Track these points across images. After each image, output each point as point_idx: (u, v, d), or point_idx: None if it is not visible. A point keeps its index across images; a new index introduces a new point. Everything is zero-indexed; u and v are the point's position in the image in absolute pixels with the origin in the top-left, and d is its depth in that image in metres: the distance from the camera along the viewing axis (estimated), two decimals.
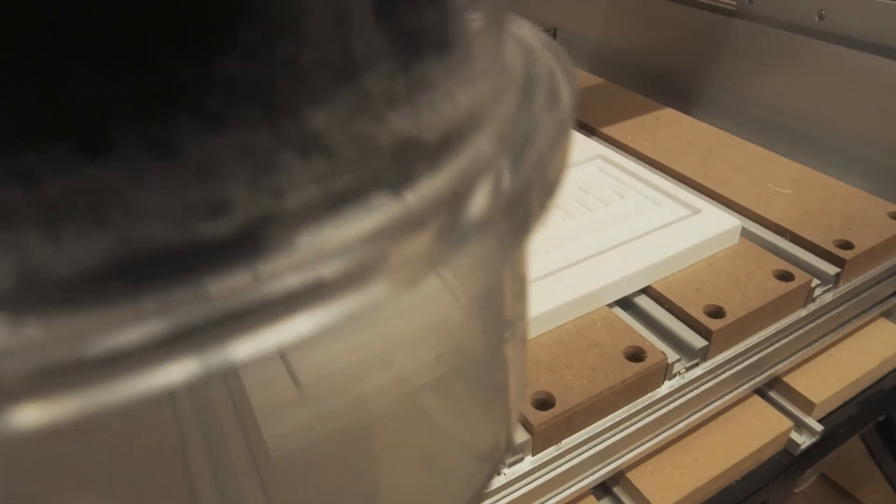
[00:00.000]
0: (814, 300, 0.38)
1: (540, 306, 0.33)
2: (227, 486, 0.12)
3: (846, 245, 0.39)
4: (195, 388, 0.08)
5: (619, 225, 0.40)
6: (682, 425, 0.35)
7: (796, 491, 0.48)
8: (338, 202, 0.09)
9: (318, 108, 0.09)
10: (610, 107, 0.58)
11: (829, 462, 0.43)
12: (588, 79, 0.64)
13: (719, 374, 0.35)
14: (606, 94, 0.61)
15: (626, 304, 0.37)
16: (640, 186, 0.44)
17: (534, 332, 0.33)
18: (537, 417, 0.29)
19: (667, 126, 0.54)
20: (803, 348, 0.40)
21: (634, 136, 0.53)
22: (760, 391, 0.40)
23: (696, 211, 0.40)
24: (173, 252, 0.08)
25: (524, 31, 0.15)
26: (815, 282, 0.38)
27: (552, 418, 0.29)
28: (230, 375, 0.08)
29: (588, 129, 0.55)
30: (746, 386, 0.38)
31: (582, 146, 0.49)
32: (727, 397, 0.37)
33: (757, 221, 0.43)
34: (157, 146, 0.08)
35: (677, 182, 0.46)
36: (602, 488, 0.35)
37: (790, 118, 0.57)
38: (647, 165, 0.48)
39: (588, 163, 0.47)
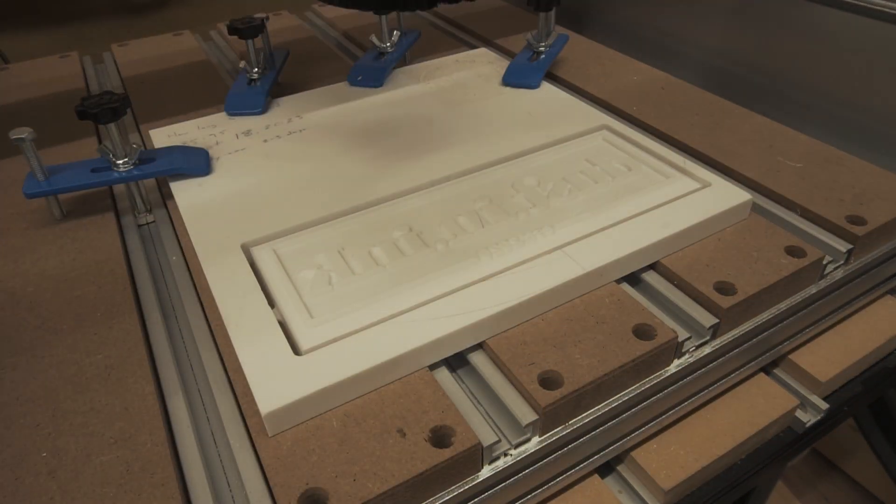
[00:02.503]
0: (824, 276, 0.37)
1: (547, 282, 0.32)
2: None
3: (858, 221, 0.38)
4: None
5: (626, 199, 0.38)
6: (687, 404, 0.35)
7: (788, 464, 0.48)
8: None
9: None
10: (613, 76, 0.56)
11: None
12: (590, 47, 0.62)
13: (728, 352, 0.34)
14: (609, 62, 0.59)
15: (633, 279, 0.36)
16: (647, 158, 0.42)
17: (541, 308, 0.32)
18: (545, 397, 0.28)
19: (673, 96, 0.52)
20: (811, 325, 0.39)
21: (640, 107, 0.51)
22: (765, 369, 0.39)
23: (706, 184, 0.39)
24: None
25: None
26: (826, 258, 0.37)
27: (560, 398, 0.28)
28: None
29: (591, 98, 0.53)
30: (754, 363, 0.37)
31: (586, 115, 0.47)
32: (733, 375, 0.36)
33: (767, 195, 0.42)
34: None
35: (685, 154, 0.44)
36: (605, 466, 0.34)
37: (800, 90, 0.55)
38: (653, 136, 0.46)
39: (594, 133, 0.45)
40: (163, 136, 0.46)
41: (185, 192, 0.40)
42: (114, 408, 0.29)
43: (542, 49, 0.55)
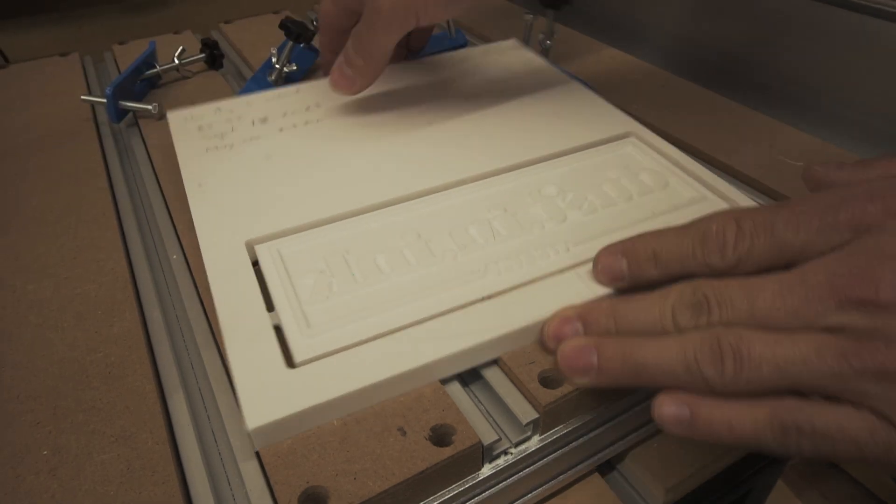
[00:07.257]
0: None
1: (553, 306, 0.30)
2: None
3: None
4: None
5: (649, 219, 0.36)
6: None
7: (788, 464, 0.48)
8: None
9: None
10: (611, 74, 0.56)
11: None
12: (580, 40, 0.62)
13: None
14: (608, 59, 0.59)
15: None
16: (676, 173, 0.39)
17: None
18: (546, 396, 0.28)
19: (672, 94, 0.52)
20: None
21: (639, 105, 0.51)
22: None
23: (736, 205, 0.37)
24: None
25: None
26: None
27: (561, 397, 0.28)
28: None
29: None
30: None
31: (614, 119, 0.44)
32: None
33: (767, 194, 0.42)
34: None
35: (692, 156, 0.44)
36: (606, 465, 0.34)
37: (800, 88, 0.55)
38: (672, 144, 0.42)
39: (620, 140, 0.42)
40: (179, 119, 0.45)
41: (191, 187, 0.39)
42: (115, 406, 0.29)
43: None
